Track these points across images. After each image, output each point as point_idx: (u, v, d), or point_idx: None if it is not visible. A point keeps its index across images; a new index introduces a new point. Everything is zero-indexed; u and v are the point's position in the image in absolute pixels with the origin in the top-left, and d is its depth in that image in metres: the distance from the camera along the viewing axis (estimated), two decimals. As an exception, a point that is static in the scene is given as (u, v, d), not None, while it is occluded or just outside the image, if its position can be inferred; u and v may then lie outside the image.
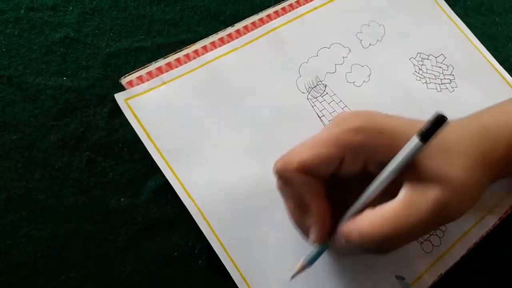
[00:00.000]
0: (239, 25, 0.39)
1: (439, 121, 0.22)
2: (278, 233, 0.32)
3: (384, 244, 0.23)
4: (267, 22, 0.40)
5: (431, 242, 0.34)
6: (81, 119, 0.34)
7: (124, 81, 0.35)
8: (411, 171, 0.24)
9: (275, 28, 0.39)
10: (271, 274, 0.31)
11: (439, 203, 0.23)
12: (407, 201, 0.23)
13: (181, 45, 0.37)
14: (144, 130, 0.34)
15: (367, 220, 0.24)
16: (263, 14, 0.40)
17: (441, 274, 0.33)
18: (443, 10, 0.44)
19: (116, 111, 0.34)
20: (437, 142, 0.24)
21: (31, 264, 0.30)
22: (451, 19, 0.44)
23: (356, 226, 0.24)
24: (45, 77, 0.34)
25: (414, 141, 0.23)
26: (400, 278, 0.32)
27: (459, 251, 0.34)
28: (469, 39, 0.43)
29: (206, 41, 0.38)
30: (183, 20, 0.39)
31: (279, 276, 0.31)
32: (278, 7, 0.40)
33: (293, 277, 0.29)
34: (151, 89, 0.35)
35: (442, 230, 0.35)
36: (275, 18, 0.40)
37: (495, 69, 0.42)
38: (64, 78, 0.35)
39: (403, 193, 0.24)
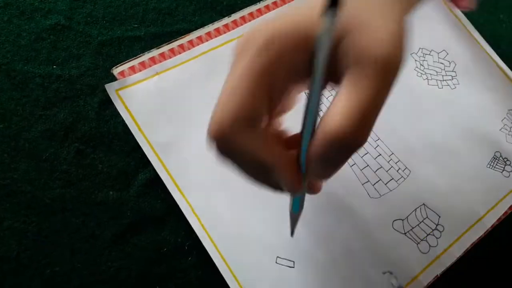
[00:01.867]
0: (236, 16, 0.38)
1: None
2: (268, 229, 0.31)
3: (359, 129, 0.20)
4: (265, 13, 0.39)
5: (427, 242, 0.33)
6: (70, 109, 0.33)
7: (116, 71, 0.34)
8: (341, 50, 0.21)
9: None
10: (261, 270, 0.31)
11: (381, 61, 0.20)
12: (354, 78, 0.20)
13: (175, 35, 0.36)
14: (135, 121, 0.33)
15: (331, 123, 0.20)
16: (261, 5, 0.39)
17: (438, 275, 0.33)
18: (447, 6, 0.43)
19: (107, 101, 0.33)
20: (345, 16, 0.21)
21: (14, 258, 0.29)
22: (455, 15, 0.43)
23: (323, 137, 0.21)
24: (34, 65, 0.33)
25: (325, 16, 0.19)
26: (387, 272, 0.31)
27: (456, 252, 0.33)
28: (472, 36, 0.42)
29: (201, 32, 0.37)
30: (178, 10, 0.37)
31: (269, 272, 0.31)
32: (276, -2, 0.39)
33: (292, 233, 0.29)
34: (143, 79, 0.34)
35: (439, 230, 0.34)
36: (273, 9, 0.39)
37: (499, 66, 0.41)
38: (54, 67, 0.34)
39: (346, 75, 0.21)
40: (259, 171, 0.23)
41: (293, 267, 0.31)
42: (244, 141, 0.21)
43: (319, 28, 0.19)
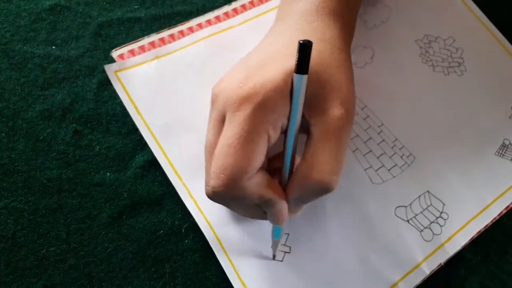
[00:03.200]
0: (236, 3, 0.37)
1: (306, 48, 0.23)
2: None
3: (333, 179, 0.25)
4: (266, 2, 0.38)
5: (431, 230, 0.32)
6: (68, 90, 0.33)
7: (115, 54, 0.34)
8: (307, 109, 0.25)
9: (273, 9, 0.38)
10: (257, 254, 0.30)
11: (341, 114, 0.25)
12: (324, 134, 0.25)
13: (176, 17, 0.36)
14: (133, 104, 0.32)
15: (311, 174, 0.24)
16: (262, -7, 0.38)
17: (441, 263, 0.32)
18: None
19: (105, 83, 0.33)
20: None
21: (10, 237, 0.29)
22: (462, 1, 0.42)
23: (304, 183, 0.25)
24: (33, 45, 0.33)
25: (298, 78, 0.24)
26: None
27: (461, 240, 0.32)
28: (481, 21, 0.41)
29: (202, 19, 0.36)
30: (179, -9, 0.37)
31: (264, 256, 0.30)
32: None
33: (274, 256, 0.30)
34: (143, 62, 0.34)
35: (443, 218, 0.33)
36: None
37: (508, 52, 0.40)
38: (53, 47, 0.33)
39: (316, 130, 0.25)
40: (255, 208, 0.26)
41: (289, 252, 0.30)
42: (249, 188, 0.24)
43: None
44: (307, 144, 0.26)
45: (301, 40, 0.23)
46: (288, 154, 0.26)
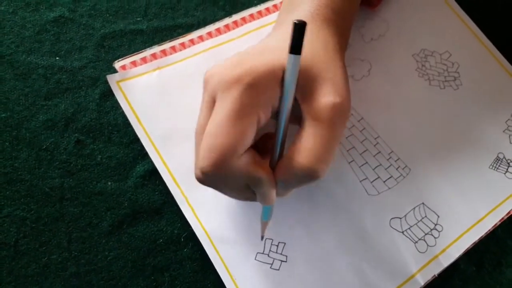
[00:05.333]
0: (236, 16, 0.38)
1: (300, 28, 0.23)
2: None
3: (320, 167, 0.24)
4: (266, 15, 0.39)
5: (425, 242, 0.33)
6: (71, 100, 0.33)
7: (117, 65, 0.35)
8: (299, 95, 0.26)
9: (273, 22, 0.38)
10: (254, 264, 0.31)
11: (335, 102, 0.25)
12: (315, 122, 0.25)
13: (178, 29, 0.36)
14: (135, 113, 0.33)
15: (298, 157, 0.25)
16: (262, 7, 0.39)
17: (435, 275, 0.32)
18: (450, 6, 0.43)
19: (108, 93, 0.34)
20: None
21: (13, 245, 0.30)
22: (459, 16, 0.42)
23: (290, 166, 0.25)
24: (37, 56, 0.34)
25: (291, 58, 0.24)
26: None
27: (455, 253, 0.33)
28: (477, 36, 0.42)
29: (203, 31, 0.37)
30: (181, 4, 0.38)
31: (261, 266, 0.31)
32: (277, 1, 0.39)
33: (262, 237, 0.30)
34: (145, 73, 0.35)
35: (438, 230, 0.34)
36: (274, 11, 0.39)
37: (504, 67, 0.41)
38: (57, 58, 0.34)
39: (308, 118, 0.25)
40: (244, 189, 0.26)
41: (286, 261, 0.31)
42: (238, 167, 0.24)
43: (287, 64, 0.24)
44: (298, 130, 0.26)
45: (295, 20, 0.22)
46: (279, 136, 0.26)
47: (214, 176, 0.24)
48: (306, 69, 0.25)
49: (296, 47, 0.23)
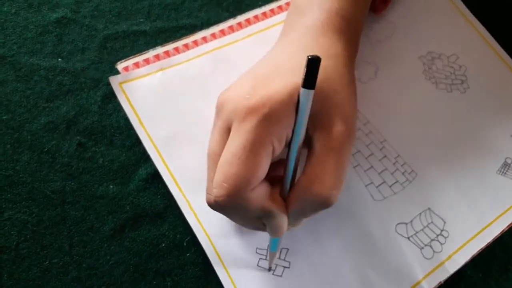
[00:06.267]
0: (241, 18, 0.38)
1: (315, 63, 0.23)
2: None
3: (333, 194, 0.25)
4: (270, 16, 0.38)
5: (432, 248, 0.32)
6: (73, 102, 0.33)
7: (120, 66, 0.34)
8: (310, 124, 0.26)
9: (277, 23, 0.38)
10: (256, 270, 0.30)
11: (344, 130, 0.25)
12: (327, 149, 0.25)
13: (181, 30, 0.36)
14: (137, 115, 0.33)
15: (311, 187, 0.25)
16: (266, 8, 0.39)
17: (441, 282, 0.32)
18: (457, 8, 0.42)
19: (110, 95, 0.33)
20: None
21: (14, 248, 0.29)
22: (466, 18, 0.42)
23: (304, 195, 0.25)
24: (39, 58, 0.33)
25: (305, 93, 0.24)
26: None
27: (462, 259, 0.32)
28: (484, 38, 0.41)
29: (206, 32, 0.36)
30: (184, 5, 0.37)
31: (263, 272, 0.30)
32: (282, 2, 0.39)
33: (270, 268, 0.30)
34: (147, 74, 0.34)
35: (444, 236, 0.33)
36: (278, 13, 0.39)
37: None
38: (59, 59, 0.34)
39: (319, 145, 0.25)
40: (255, 219, 0.26)
41: (289, 268, 0.30)
42: (252, 199, 0.24)
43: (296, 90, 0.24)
44: (308, 158, 0.26)
45: (309, 56, 0.23)
46: (291, 166, 0.26)
47: (227, 205, 0.24)
48: (317, 94, 0.25)
49: (309, 82, 0.24)
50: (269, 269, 0.30)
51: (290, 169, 0.26)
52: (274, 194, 0.26)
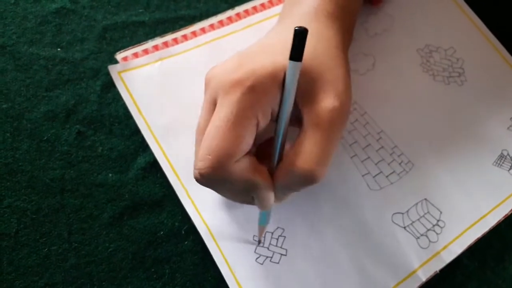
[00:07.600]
0: (239, 9, 0.38)
1: (302, 35, 0.22)
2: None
3: (319, 170, 0.25)
4: (269, 7, 0.39)
5: (427, 237, 0.33)
6: (73, 92, 0.33)
7: (119, 56, 0.34)
8: (300, 100, 0.26)
9: (276, 15, 0.38)
10: (253, 257, 0.30)
11: (336, 106, 0.25)
12: (316, 124, 0.25)
13: (180, 21, 0.36)
14: (136, 104, 0.33)
15: (298, 161, 0.25)
16: (265, 0, 0.39)
17: (436, 271, 0.32)
18: (455, 1, 0.42)
19: (109, 85, 0.34)
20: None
21: (13, 235, 0.30)
22: (464, 11, 0.42)
23: (290, 170, 0.25)
24: (39, 47, 0.34)
25: (291, 65, 0.24)
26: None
27: (457, 249, 0.33)
28: (482, 32, 0.41)
29: (205, 23, 0.37)
30: (183, -4, 0.38)
31: (261, 259, 0.30)
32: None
33: (259, 241, 0.31)
34: (146, 64, 0.34)
35: (440, 226, 0.33)
36: (277, 4, 0.39)
37: (509, 63, 0.40)
38: (58, 49, 0.34)
39: (308, 121, 0.25)
40: (242, 192, 0.26)
41: (286, 255, 0.31)
42: (236, 171, 0.24)
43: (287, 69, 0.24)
44: (298, 134, 0.26)
45: (296, 27, 0.22)
46: (278, 141, 0.26)
47: (211, 178, 0.24)
48: (307, 72, 0.25)
49: (296, 54, 0.23)
50: (259, 243, 0.31)
51: (278, 143, 0.26)
52: (260, 167, 0.26)
